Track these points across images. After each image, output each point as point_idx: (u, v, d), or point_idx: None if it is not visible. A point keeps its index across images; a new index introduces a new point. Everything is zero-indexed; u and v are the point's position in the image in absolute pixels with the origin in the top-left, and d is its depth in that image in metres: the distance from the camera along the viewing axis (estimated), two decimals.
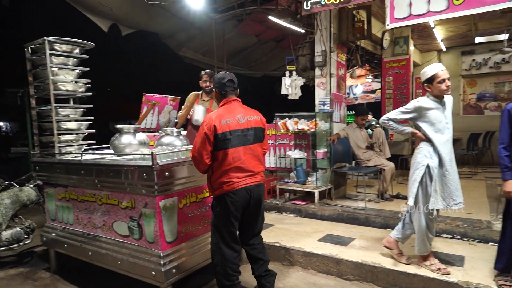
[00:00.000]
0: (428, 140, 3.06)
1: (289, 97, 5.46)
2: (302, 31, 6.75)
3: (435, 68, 3.03)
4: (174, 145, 3.50)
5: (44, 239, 3.91)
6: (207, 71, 4.35)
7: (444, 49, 9.38)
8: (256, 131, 2.75)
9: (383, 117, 3.35)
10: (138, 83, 14.87)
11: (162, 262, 2.80)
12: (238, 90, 2.85)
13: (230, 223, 2.66)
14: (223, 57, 7.46)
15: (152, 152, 2.72)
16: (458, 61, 9.63)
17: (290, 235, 4.22)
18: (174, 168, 2.91)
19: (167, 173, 2.83)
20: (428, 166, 3.02)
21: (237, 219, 2.69)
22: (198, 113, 4.28)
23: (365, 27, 5.35)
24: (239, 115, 2.69)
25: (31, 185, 4.43)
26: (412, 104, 3.15)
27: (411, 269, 3.14)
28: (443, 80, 2.97)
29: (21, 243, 4.08)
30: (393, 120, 3.27)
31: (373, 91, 13.16)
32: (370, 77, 12.44)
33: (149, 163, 2.75)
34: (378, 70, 12.11)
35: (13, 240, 4.00)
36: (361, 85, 13.31)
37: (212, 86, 4.20)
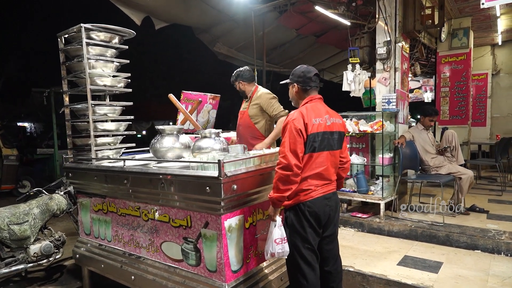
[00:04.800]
0: None
1: (352, 94, 4.79)
2: (348, 23, 6.10)
3: None
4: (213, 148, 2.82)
5: (77, 256, 3.43)
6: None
7: (499, 43, 8.52)
8: (340, 136, 2.43)
9: None
10: (167, 80, 14.32)
11: None
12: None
13: (310, 236, 2.28)
14: (263, 52, 6.85)
15: (219, 160, 2.14)
16: None
17: (360, 255, 3.58)
18: (243, 180, 2.33)
19: (235, 186, 2.25)
20: None
21: (316, 233, 2.31)
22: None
23: (435, 14, 4.64)
24: (326, 116, 2.35)
25: (61, 192, 3.97)
26: None
27: None
28: None
29: (50, 258, 3.60)
30: None
31: (411, 91, 12.27)
32: (409, 75, 11.55)
33: (215, 173, 2.18)
34: (420, 67, 11.25)
35: (42, 255, 3.53)
36: None
37: (242, 89, 3.66)
